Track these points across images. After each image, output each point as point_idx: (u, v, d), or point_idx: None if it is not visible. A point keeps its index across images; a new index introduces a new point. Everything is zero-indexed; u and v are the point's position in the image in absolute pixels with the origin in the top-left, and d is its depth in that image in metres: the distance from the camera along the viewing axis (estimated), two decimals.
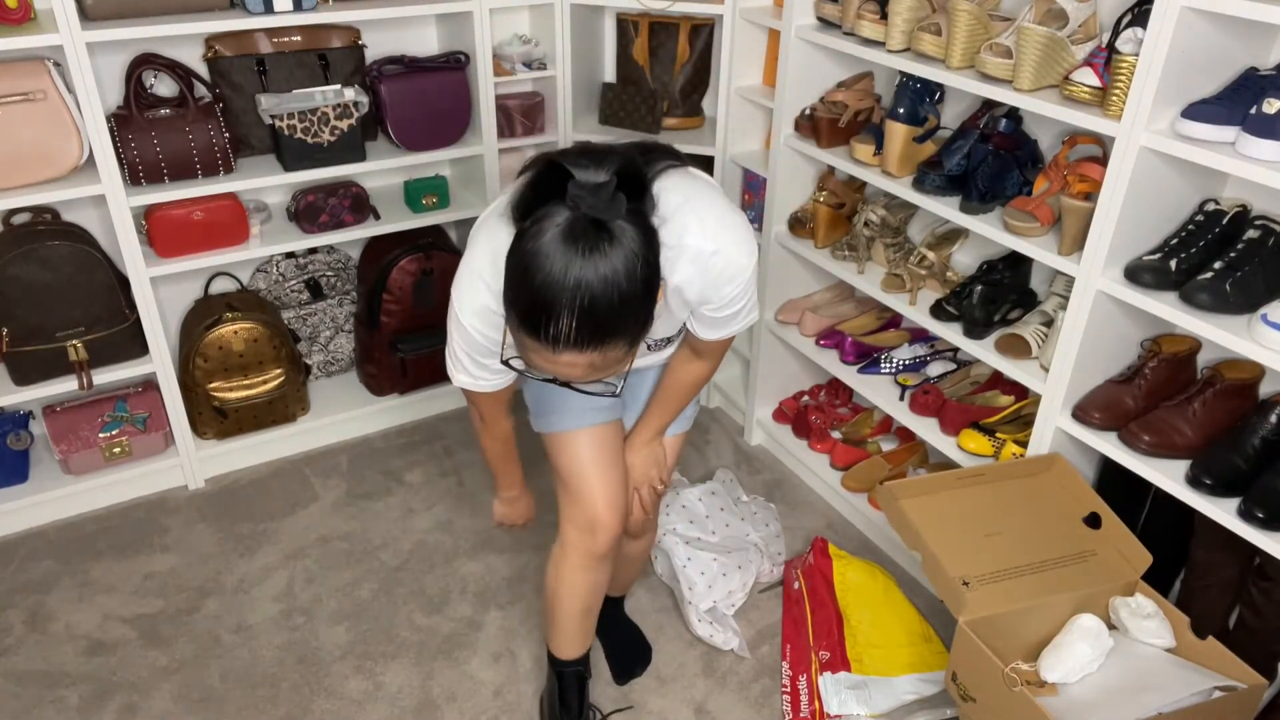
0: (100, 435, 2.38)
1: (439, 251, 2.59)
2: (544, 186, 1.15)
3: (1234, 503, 1.57)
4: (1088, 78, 1.67)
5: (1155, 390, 1.76)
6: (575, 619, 1.73)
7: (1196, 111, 1.51)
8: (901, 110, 2.04)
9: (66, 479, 2.40)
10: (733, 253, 1.33)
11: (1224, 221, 1.65)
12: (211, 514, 2.45)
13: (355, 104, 2.35)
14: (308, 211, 2.43)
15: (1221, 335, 1.52)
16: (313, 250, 2.67)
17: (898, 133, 2.04)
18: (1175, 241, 1.66)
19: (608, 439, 1.62)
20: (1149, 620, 1.65)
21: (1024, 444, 1.96)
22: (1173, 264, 1.62)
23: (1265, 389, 1.75)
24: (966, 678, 1.62)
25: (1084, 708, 1.53)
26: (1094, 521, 1.77)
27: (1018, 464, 1.85)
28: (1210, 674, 1.58)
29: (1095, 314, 1.73)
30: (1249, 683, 1.56)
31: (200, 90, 2.26)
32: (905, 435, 2.55)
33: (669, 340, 1.55)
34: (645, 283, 1.15)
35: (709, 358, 1.57)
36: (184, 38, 2.27)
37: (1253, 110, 1.46)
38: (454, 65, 2.45)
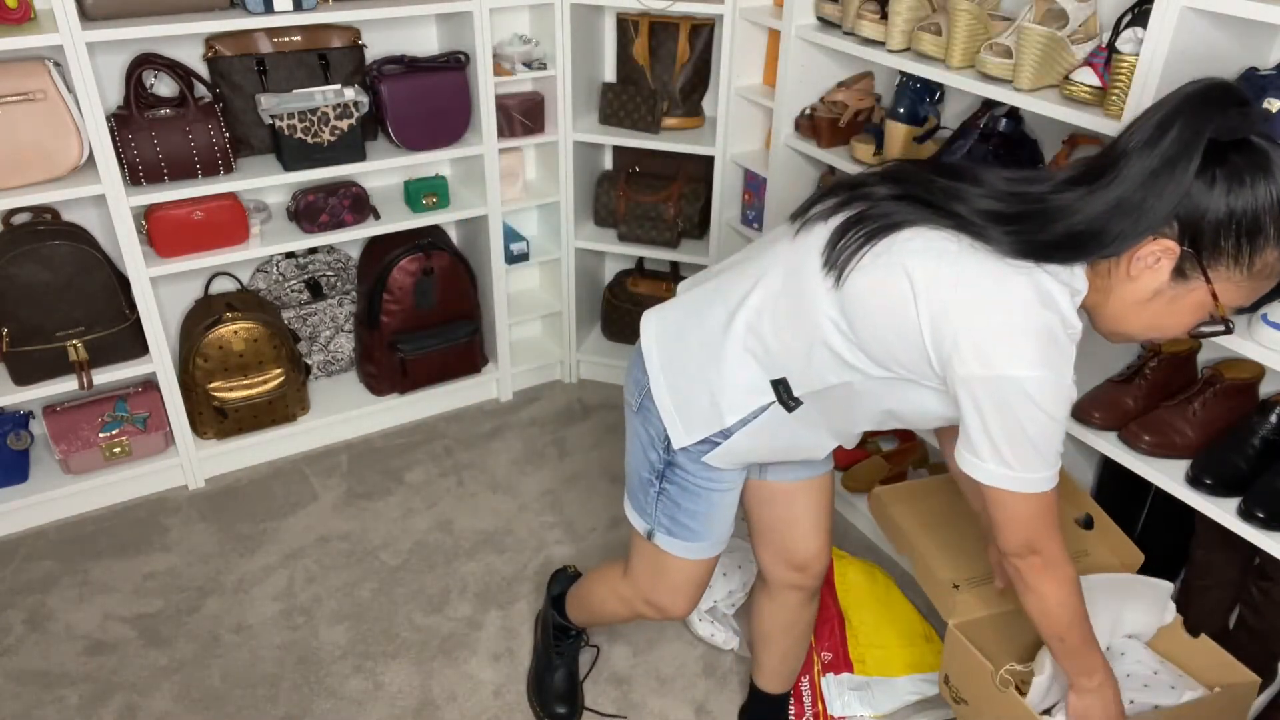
0: (100, 435, 2.38)
1: (439, 251, 2.59)
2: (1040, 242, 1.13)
3: (1234, 503, 1.57)
4: (1088, 77, 1.67)
5: (1155, 390, 1.75)
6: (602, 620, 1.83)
7: None
8: (902, 110, 2.04)
9: (66, 479, 2.40)
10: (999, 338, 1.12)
11: None
12: (211, 514, 2.45)
13: (355, 104, 2.35)
14: (308, 211, 2.43)
15: None
16: (313, 250, 2.67)
17: (898, 133, 2.04)
18: None
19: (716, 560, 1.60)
20: None
21: None
22: None
23: (1265, 389, 1.75)
24: (958, 680, 1.61)
25: None
26: (1087, 524, 1.77)
27: None
28: (1198, 685, 1.56)
29: None
30: (1242, 680, 1.55)
31: (200, 90, 2.27)
32: (905, 435, 2.55)
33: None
34: None
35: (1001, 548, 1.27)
36: (184, 38, 2.27)
37: None
38: (454, 65, 2.45)
